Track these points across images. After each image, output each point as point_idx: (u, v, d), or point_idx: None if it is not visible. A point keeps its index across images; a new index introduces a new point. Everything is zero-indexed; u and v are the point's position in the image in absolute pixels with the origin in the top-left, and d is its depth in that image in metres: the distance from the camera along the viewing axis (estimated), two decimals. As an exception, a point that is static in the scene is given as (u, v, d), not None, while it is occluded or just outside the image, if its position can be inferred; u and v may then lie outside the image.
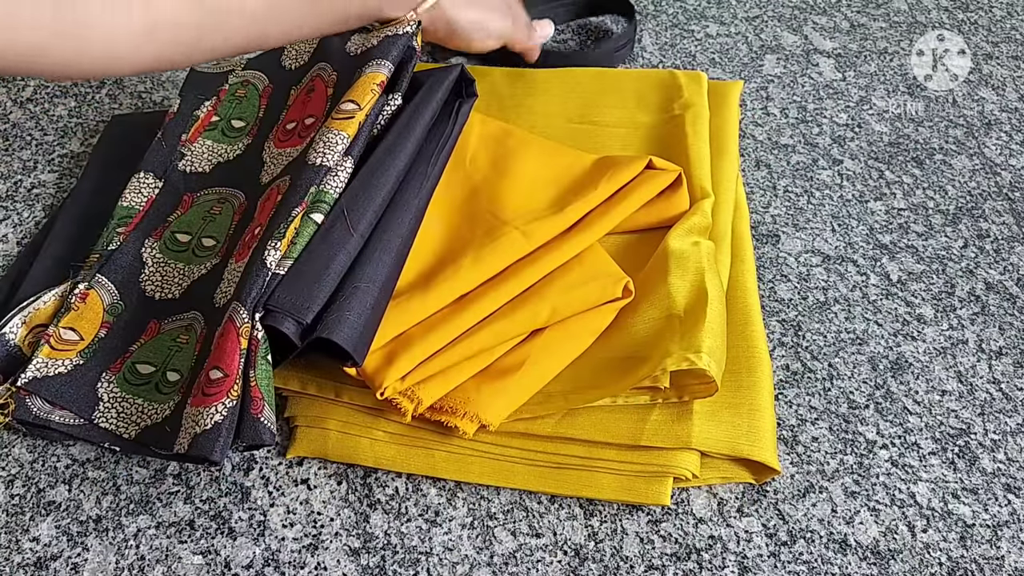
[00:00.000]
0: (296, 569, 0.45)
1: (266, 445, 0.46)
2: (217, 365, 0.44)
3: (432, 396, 0.46)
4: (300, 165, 0.50)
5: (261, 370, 0.44)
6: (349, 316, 0.44)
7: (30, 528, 0.46)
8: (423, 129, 0.53)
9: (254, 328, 0.44)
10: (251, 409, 0.44)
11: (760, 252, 0.60)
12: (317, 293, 0.44)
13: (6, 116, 0.68)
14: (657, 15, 0.80)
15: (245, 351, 0.44)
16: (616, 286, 0.49)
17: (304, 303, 0.44)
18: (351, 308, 0.44)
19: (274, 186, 0.52)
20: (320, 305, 0.44)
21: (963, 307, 0.58)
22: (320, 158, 0.49)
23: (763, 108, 0.71)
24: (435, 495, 0.48)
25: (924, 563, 0.46)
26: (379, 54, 0.53)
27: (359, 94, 0.51)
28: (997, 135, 0.70)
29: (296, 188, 0.48)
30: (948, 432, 0.51)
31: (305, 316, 0.44)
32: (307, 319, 0.44)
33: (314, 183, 0.48)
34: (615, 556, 0.46)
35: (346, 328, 0.44)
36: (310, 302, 0.44)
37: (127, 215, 0.56)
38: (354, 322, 0.44)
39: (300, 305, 0.44)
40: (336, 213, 0.48)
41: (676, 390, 0.46)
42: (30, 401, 0.48)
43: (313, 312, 0.44)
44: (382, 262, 0.47)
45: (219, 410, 0.43)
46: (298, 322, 0.44)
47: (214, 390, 0.43)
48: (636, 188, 0.54)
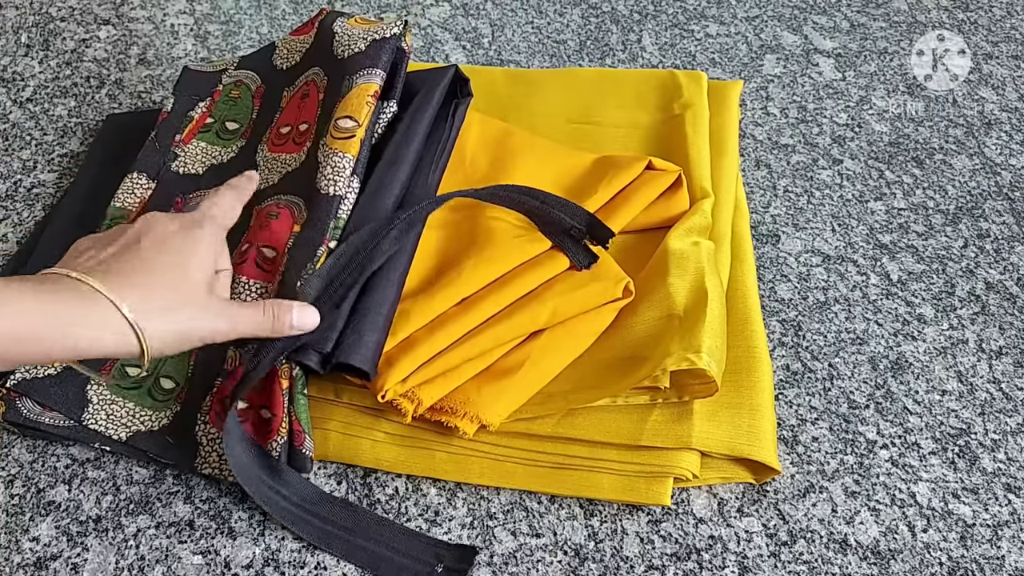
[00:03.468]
0: (296, 569, 0.45)
1: (308, 472, 0.47)
2: (266, 406, 0.46)
3: (432, 397, 0.46)
4: (311, 192, 0.50)
5: (299, 404, 0.46)
6: (364, 338, 0.45)
7: (30, 528, 0.46)
8: (422, 138, 0.53)
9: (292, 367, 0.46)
10: (295, 442, 0.46)
11: (760, 252, 0.60)
12: (336, 323, 0.46)
13: (6, 116, 0.68)
14: (657, 15, 0.80)
15: (287, 391, 0.45)
16: (616, 287, 0.49)
17: (325, 334, 0.45)
18: (365, 330, 0.45)
19: (283, 206, 0.52)
20: (338, 333, 0.46)
21: (963, 307, 0.58)
22: (332, 187, 0.49)
23: (763, 108, 0.71)
24: (435, 495, 0.48)
25: (924, 563, 0.46)
26: (369, 62, 0.53)
27: (355, 108, 0.51)
28: (997, 135, 0.70)
29: (315, 223, 0.49)
30: (948, 432, 0.51)
31: (326, 347, 0.45)
32: (328, 348, 0.45)
33: (331, 216, 0.49)
34: (615, 556, 0.46)
35: (363, 350, 0.45)
36: (331, 332, 0.45)
37: (120, 216, 0.55)
38: (368, 341, 0.45)
39: (322, 337, 0.45)
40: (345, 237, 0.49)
41: (676, 390, 0.46)
42: (20, 403, 0.48)
43: (332, 341, 0.45)
44: (390, 280, 0.48)
45: (274, 447, 0.45)
46: (320, 352, 0.45)
47: (266, 429, 0.46)
48: (637, 191, 0.54)
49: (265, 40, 0.76)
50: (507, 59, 0.75)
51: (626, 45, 0.77)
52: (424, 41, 0.76)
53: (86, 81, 0.71)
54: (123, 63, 0.73)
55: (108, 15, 0.78)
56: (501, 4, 0.81)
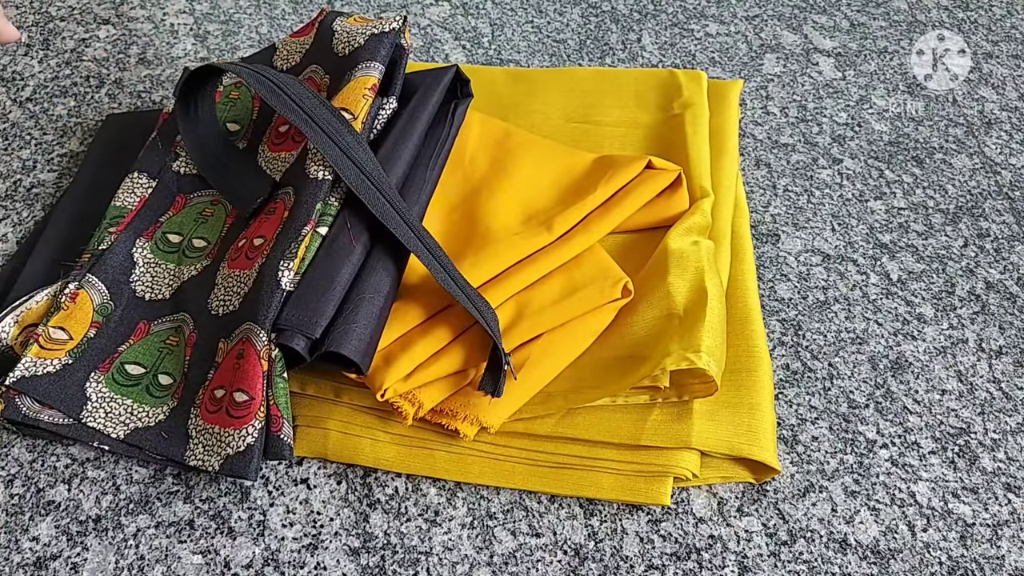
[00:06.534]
0: (296, 569, 0.45)
1: (286, 459, 0.47)
2: (241, 387, 0.45)
3: (433, 399, 0.46)
4: (302, 178, 0.50)
5: (278, 388, 0.45)
6: (356, 328, 0.45)
7: (30, 528, 0.46)
8: (420, 135, 0.53)
9: (272, 349, 0.45)
10: (272, 428, 0.45)
11: (760, 252, 0.60)
12: (324, 308, 0.45)
13: (6, 116, 0.68)
14: (657, 14, 0.80)
15: (267, 373, 0.45)
16: (615, 287, 0.49)
17: (313, 319, 0.45)
18: (357, 320, 0.45)
19: (280, 199, 0.51)
20: (328, 319, 0.45)
21: (963, 306, 0.58)
22: (322, 171, 0.49)
23: (763, 107, 0.71)
24: (435, 495, 0.48)
25: (924, 563, 0.46)
26: (368, 55, 0.53)
27: (352, 101, 0.51)
28: (997, 134, 0.70)
29: (302, 204, 0.48)
30: (948, 431, 0.51)
31: (314, 332, 0.44)
32: (316, 334, 0.45)
33: (319, 199, 0.48)
34: (615, 556, 0.46)
35: (354, 340, 0.44)
36: (319, 317, 0.45)
37: (119, 215, 0.55)
38: (361, 333, 0.45)
39: (309, 321, 0.45)
40: (339, 225, 0.48)
41: (676, 390, 0.46)
42: (19, 401, 0.48)
43: (322, 327, 0.45)
44: (386, 271, 0.48)
45: (250, 432, 0.44)
46: (308, 338, 0.45)
47: (241, 412, 0.45)
48: (635, 188, 0.54)
49: (265, 40, 0.76)
50: (507, 58, 0.75)
51: (626, 44, 0.77)
52: (424, 41, 0.76)
53: (86, 81, 0.71)
54: (123, 63, 0.73)
55: (108, 15, 0.78)
56: (501, 3, 0.81)
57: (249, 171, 0.55)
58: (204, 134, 0.58)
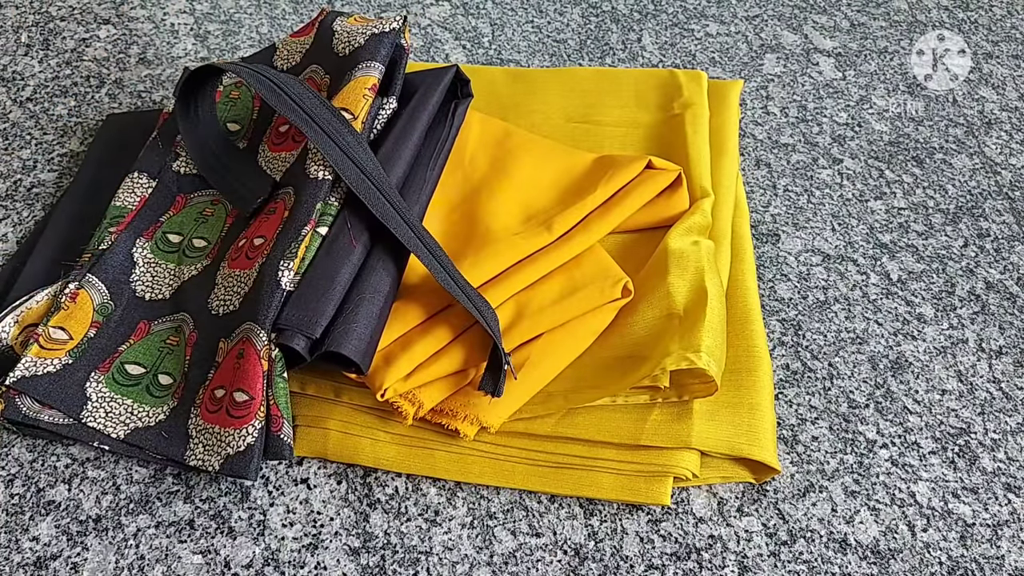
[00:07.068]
0: (296, 569, 0.45)
1: (286, 459, 0.47)
2: (241, 387, 0.45)
3: (433, 400, 0.46)
4: (302, 178, 0.50)
5: (278, 388, 0.45)
6: (356, 328, 0.45)
7: (30, 528, 0.46)
8: (420, 135, 0.53)
9: (272, 349, 0.45)
10: (272, 427, 0.45)
11: (760, 251, 0.60)
12: (324, 308, 0.45)
13: (6, 116, 0.68)
14: (657, 14, 0.80)
15: (267, 372, 0.45)
16: (615, 287, 0.49)
17: (313, 319, 0.45)
18: (357, 320, 0.45)
19: (281, 199, 0.52)
20: (328, 319, 0.45)
21: (963, 306, 0.58)
22: (322, 171, 0.49)
23: (763, 107, 0.71)
24: (435, 495, 0.48)
25: (924, 562, 0.46)
26: (368, 55, 0.53)
27: (352, 101, 0.51)
28: (997, 134, 0.70)
29: (302, 204, 0.48)
30: (948, 431, 0.51)
31: (314, 332, 0.45)
32: (316, 334, 0.45)
33: (319, 199, 0.48)
34: (615, 556, 0.46)
35: (354, 340, 0.44)
36: (319, 317, 0.45)
37: (120, 215, 0.55)
38: (361, 333, 0.45)
39: (309, 321, 0.45)
40: (339, 225, 0.48)
41: (676, 389, 0.46)
42: (20, 401, 0.48)
43: (322, 327, 0.45)
44: (386, 271, 0.48)
45: (250, 432, 0.44)
46: (308, 337, 0.45)
47: (241, 412, 0.45)
48: (635, 188, 0.54)
49: (265, 40, 0.76)
50: (507, 58, 0.75)
51: (626, 44, 0.77)
52: (424, 40, 0.76)
53: (86, 80, 0.71)
54: (123, 62, 0.73)
55: (108, 14, 0.78)
56: (501, 3, 0.81)
57: (249, 171, 0.55)
58: (204, 134, 0.58)
